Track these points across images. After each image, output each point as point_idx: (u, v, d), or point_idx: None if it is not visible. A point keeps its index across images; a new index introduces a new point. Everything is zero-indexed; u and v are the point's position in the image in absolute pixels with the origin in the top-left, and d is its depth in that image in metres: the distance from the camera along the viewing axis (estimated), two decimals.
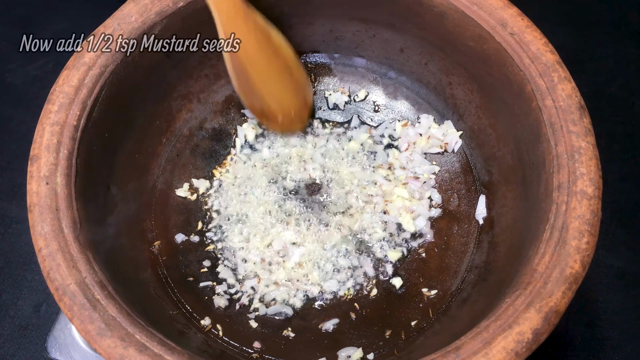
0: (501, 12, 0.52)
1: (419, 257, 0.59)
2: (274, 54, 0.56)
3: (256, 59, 0.55)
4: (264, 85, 0.57)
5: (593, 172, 0.44)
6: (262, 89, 0.57)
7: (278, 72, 0.58)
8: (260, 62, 0.56)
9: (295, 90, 0.60)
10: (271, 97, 0.58)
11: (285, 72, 0.58)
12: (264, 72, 0.57)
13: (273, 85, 0.58)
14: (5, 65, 0.78)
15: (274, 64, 0.57)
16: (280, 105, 0.59)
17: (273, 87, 0.58)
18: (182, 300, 0.55)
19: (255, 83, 0.57)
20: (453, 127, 0.63)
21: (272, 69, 0.57)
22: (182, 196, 0.62)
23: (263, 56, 0.55)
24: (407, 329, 0.55)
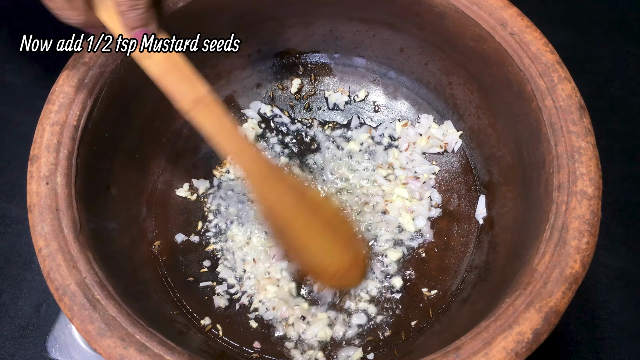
0: (501, 12, 0.52)
1: (419, 257, 0.59)
2: (311, 211, 0.53)
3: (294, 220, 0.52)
4: (306, 245, 0.54)
5: (593, 172, 0.44)
6: (306, 249, 0.54)
7: (318, 230, 0.54)
8: (300, 223, 0.53)
9: (341, 246, 0.56)
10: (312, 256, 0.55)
11: (327, 228, 0.55)
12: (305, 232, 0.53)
13: (315, 244, 0.54)
14: (5, 65, 0.78)
15: (312, 222, 0.54)
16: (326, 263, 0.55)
17: (313, 246, 0.54)
18: (182, 300, 0.55)
19: (298, 244, 0.54)
20: (453, 127, 0.63)
21: (310, 226, 0.53)
22: (182, 196, 0.62)
23: (301, 217, 0.53)
24: (407, 329, 0.55)
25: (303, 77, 0.68)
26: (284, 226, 0.52)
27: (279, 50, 0.66)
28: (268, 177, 0.50)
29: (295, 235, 0.53)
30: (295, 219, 0.52)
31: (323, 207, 0.55)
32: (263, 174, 0.49)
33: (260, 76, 0.67)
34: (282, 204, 0.51)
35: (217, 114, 0.46)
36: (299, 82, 0.68)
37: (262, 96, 0.67)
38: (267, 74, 0.67)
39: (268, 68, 0.67)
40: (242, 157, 0.48)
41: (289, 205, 0.52)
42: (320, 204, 0.55)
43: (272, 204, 0.51)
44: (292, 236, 0.53)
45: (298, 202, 0.52)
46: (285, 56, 0.67)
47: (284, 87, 0.68)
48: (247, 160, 0.48)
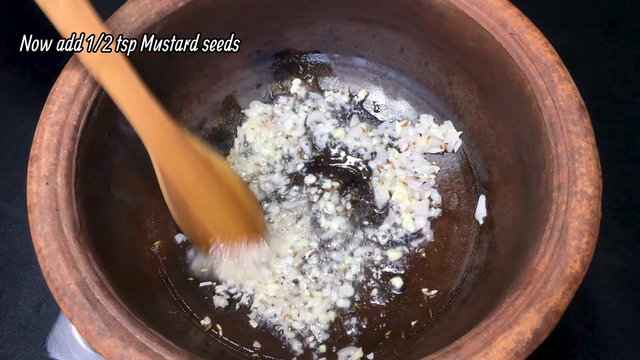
0: (501, 12, 0.52)
1: (419, 257, 0.59)
2: (215, 182, 0.53)
3: (195, 189, 0.51)
4: (205, 213, 0.53)
5: (593, 172, 0.44)
6: (203, 217, 0.53)
7: (220, 201, 0.54)
8: (200, 193, 0.52)
9: (240, 217, 0.56)
10: (212, 225, 0.54)
11: (228, 200, 0.54)
12: (205, 202, 0.53)
13: (214, 213, 0.54)
14: (5, 65, 0.78)
15: (215, 192, 0.53)
16: (224, 235, 0.55)
17: (214, 216, 0.54)
18: (182, 300, 0.55)
19: (195, 214, 0.53)
20: (453, 127, 0.63)
21: (212, 197, 0.53)
22: None
23: (202, 186, 0.52)
24: (407, 329, 0.55)
25: (303, 77, 0.68)
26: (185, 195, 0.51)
27: (279, 50, 0.66)
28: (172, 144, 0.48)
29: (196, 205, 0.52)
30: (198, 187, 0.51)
31: (226, 177, 0.54)
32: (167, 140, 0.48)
33: (260, 76, 0.67)
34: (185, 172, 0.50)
35: (123, 73, 0.45)
36: (299, 82, 0.68)
37: (262, 96, 0.67)
38: (267, 74, 0.67)
39: (268, 68, 0.67)
40: (145, 120, 0.47)
41: (191, 174, 0.51)
42: (224, 173, 0.54)
43: (174, 171, 0.50)
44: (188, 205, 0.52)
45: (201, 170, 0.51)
46: (285, 56, 0.67)
47: (284, 87, 0.68)
48: (150, 124, 0.47)
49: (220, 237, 0.55)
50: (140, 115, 0.47)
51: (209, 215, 0.54)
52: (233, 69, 0.65)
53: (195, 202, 0.52)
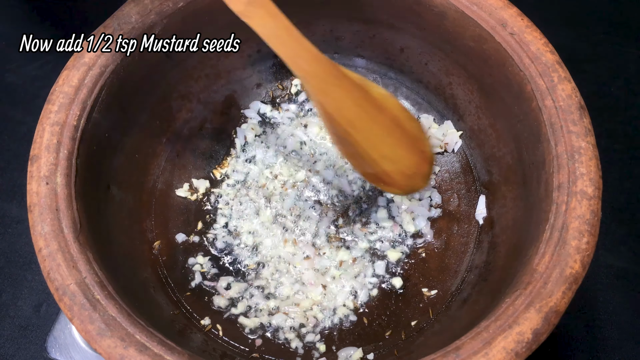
0: (501, 12, 0.52)
1: (419, 257, 0.59)
2: (377, 110, 0.50)
3: (358, 121, 0.49)
4: (373, 147, 0.51)
5: (593, 172, 0.44)
6: (372, 151, 0.51)
7: (385, 129, 0.51)
8: (364, 124, 0.49)
9: (409, 145, 0.52)
10: (383, 159, 0.52)
11: (393, 127, 0.51)
12: (370, 133, 0.50)
13: (383, 145, 0.51)
14: (5, 65, 0.78)
15: (380, 122, 0.50)
16: (395, 165, 0.52)
17: (383, 147, 0.51)
18: (182, 300, 0.55)
19: (363, 147, 0.50)
20: (453, 127, 0.63)
21: (378, 127, 0.50)
22: (182, 196, 0.62)
23: (365, 116, 0.49)
24: (407, 329, 0.55)
25: None
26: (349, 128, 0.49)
27: None
28: (329, 77, 0.47)
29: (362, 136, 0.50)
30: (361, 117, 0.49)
31: (388, 104, 0.51)
32: (324, 74, 0.46)
33: (260, 76, 0.67)
34: (346, 104, 0.48)
35: (272, 14, 0.44)
36: (299, 82, 0.68)
37: (262, 96, 0.67)
38: (267, 74, 0.67)
39: (268, 68, 0.67)
40: (301, 58, 0.45)
41: (352, 105, 0.48)
42: (384, 101, 0.51)
43: (335, 105, 0.48)
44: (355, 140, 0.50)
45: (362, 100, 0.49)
46: None
47: (284, 87, 0.68)
48: (306, 61, 0.46)
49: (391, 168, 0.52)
50: (296, 55, 0.45)
51: (377, 147, 0.51)
52: (233, 69, 0.65)
53: (360, 135, 0.50)
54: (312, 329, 0.55)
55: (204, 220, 0.61)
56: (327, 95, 0.47)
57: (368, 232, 0.60)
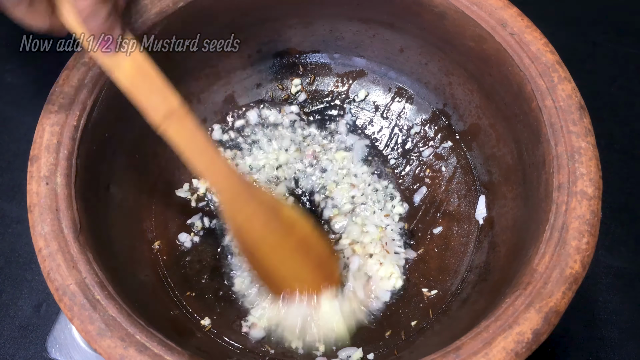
0: (501, 12, 0.52)
1: (419, 257, 0.59)
2: (285, 231, 0.52)
3: (265, 240, 0.51)
4: (280, 266, 0.53)
5: (593, 172, 0.44)
6: (278, 270, 0.53)
7: (290, 251, 0.53)
8: (269, 243, 0.51)
9: (316, 266, 0.54)
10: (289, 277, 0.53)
11: (300, 250, 0.53)
12: (275, 252, 0.52)
13: (285, 264, 0.53)
14: (5, 65, 0.78)
15: (285, 243, 0.52)
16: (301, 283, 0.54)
17: (289, 268, 0.53)
18: (182, 300, 0.55)
19: (266, 263, 0.53)
20: (453, 128, 0.63)
21: (283, 248, 0.52)
22: (182, 196, 0.62)
23: (270, 237, 0.51)
24: (407, 329, 0.55)
25: (303, 77, 0.68)
26: (254, 247, 0.51)
27: (279, 50, 0.66)
28: (240, 195, 0.48)
29: (264, 257, 0.52)
30: (265, 240, 0.51)
31: (297, 225, 0.53)
32: (234, 192, 0.48)
33: (260, 76, 0.67)
34: (253, 224, 0.50)
35: (188, 128, 0.45)
36: (299, 82, 0.68)
37: (262, 96, 0.67)
38: (267, 74, 0.67)
39: (268, 68, 0.67)
40: (214, 174, 0.47)
41: (259, 226, 0.50)
42: (294, 222, 0.53)
43: (242, 223, 0.50)
44: (262, 257, 0.52)
45: (269, 222, 0.51)
46: (285, 56, 0.67)
47: (284, 87, 0.68)
48: (218, 177, 0.47)
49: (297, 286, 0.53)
50: (208, 168, 0.47)
51: (279, 265, 0.53)
52: (233, 69, 0.65)
53: (266, 251, 0.52)
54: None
55: (204, 220, 0.61)
56: (236, 211, 0.49)
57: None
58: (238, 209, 0.49)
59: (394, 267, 0.57)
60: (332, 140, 0.65)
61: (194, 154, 0.46)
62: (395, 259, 0.58)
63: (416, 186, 0.63)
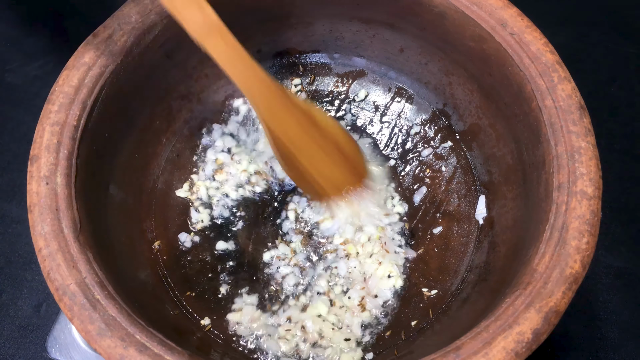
0: (501, 12, 0.52)
1: (419, 257, 0.59)
2: (319, 133, 0.55)
3: (300, 142, 0.54)
4: (312, 165, 0.56)
5: (593, 172, 0.44)
6: (312, 170, 0.56)
7: (325, 150, 0.56)
8: (305, 145, 0.54)
9: (346, 166, 0.58)
10: (322, 178, 0.57)
11: (332, 149, 0.56)
12: (310, 153, 0.55)
13: (321, 164, 0.56)
14: (5, 65, 0.78)
15: (320, 144, 0.55)
16: (330, 182, 0.57)
17: (321, 166, 0.56)
18: (182, 300, 0.55)
19: (304, 166, 0.55)
20: (453, 128, 0.63)
21: (318, 148, 0.55)
22: (182, 196, 0.62)
23: (307, 138, 0.54)
24: (407, 329, 0.55)
25: (303, 77, 0.68)
26: (293, 148, 0.54)
27: (279, 50, 0.66)
28: (279, 101, 0.51)
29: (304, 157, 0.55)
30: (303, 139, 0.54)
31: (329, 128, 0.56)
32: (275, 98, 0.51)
33: None
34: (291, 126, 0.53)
35: (228, 43, 0.47)
36: (299, 82, 0.68)
37: None
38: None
39: (268, 68, 0.67)
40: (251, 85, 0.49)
41: (297, 126, 0.53)
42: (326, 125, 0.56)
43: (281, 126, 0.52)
44: (297, 159, 0.54)
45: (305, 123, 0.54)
46: (285, 56, 0.67)
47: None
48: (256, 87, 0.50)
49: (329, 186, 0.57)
50: (246, 79, 0.49)
51: (316, 165, 0.56)
52: None
53: (302, 154, 0.54)
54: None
55: (204, 220, 0.61)
56: (273, 117, 0.52)
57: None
58: (276, 114, 0.52)
59: (392, 267, 0.57)
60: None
61: (232, 65, 0.48)
62: (394, 258, 0.58)
63: (416, 186, 0.63)
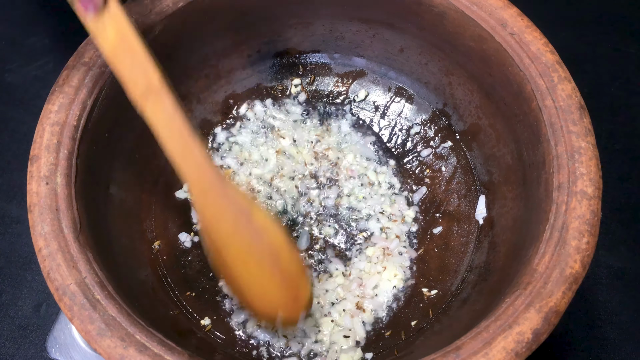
0: (501, 12, 0.52)
1: (419, 257, 0.59)
2: (254, 237, 0.47)
3: (231, 240, 0.47)
4: (242, 274, 0.48)
5: (593, 172, 0.44)
6: (240, 278, 0.48)
7: (257, 261, 0.47)
8: (236, 245, 0.47)
9: (282, 284, 0.48)
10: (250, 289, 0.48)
11: (268, 261, 0.47)
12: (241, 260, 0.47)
13: (252, 276, 0.48)
14: (5, 65, 0.78)
15: (254, 251, 0.47)
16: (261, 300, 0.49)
17: (252, 279, 0.48)
18: (182, 300, 0.55)
19: (231, 267, 0.48)
20: (453, 128, 0.63)
21: (250, 256, 0.47)
22: (182, 198, 0.62)
23: (239, 238, 0.47)
24: (407, 329, 0.55)
25: (303, 77, 0.68)
26: (221, 247, 0.47)
27: (279, 50, 0.66)
28: (212, 189, 0.45)
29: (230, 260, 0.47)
30: (233, 241, 0.47)
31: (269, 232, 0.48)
32: (207, 184, 0.45)
33: (260, 76, 0.67)
34: (222, 222, 0.46)
35: (166, 108, 0.43)
36: (299, 82, 0.68)
37: (262, 96, 0.67)
38: (267, 74, 0.67)
39: (268, 68, 0.67)
40: (187, 161, 0.44)
41: (228, 225, 0.46)
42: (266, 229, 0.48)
43: (211, 219, 0.46)
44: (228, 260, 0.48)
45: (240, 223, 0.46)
46: (285, 56, 0.67)
47: (284, 87, 0.68)
48: (191, 165, 0.44)
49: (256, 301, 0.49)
50: (182, 154, 0.44)
51: (245, 273, 0.48)
52: (233, 69, 0.65)
53: (231, 257, 0.47)
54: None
55: None
56: (207, 204, 0.46)
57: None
58: (208, 203, 0.46)
59: (397, 269, 0.57)
60: (330, 135, 0.65)
61: (168, 137, 0.43)
62: (399, 260, 0.58)
63: (416, 186, 0.63)
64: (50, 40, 0.80)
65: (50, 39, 0.80)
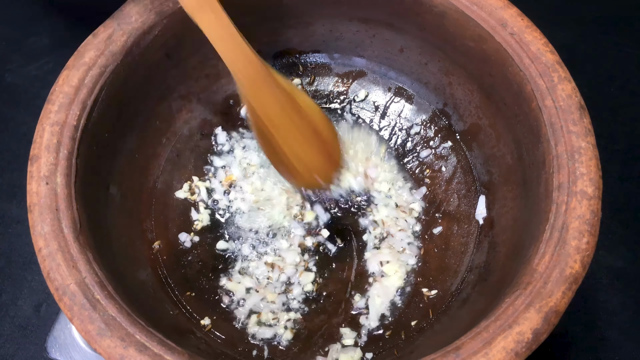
0: (501, 12, 0.52)
1: (419, 257, 0.59)
2: (299, 116, 0.56)
3: (279, 121, 0.54)
4: (288, 146, 0.56)
5: (593, 172, 0.44)
6: (287, 150, 0.56)
7: (303, 134, 0.56)
8: (283, 125, 0.55)
9: (322, 151, 0.58)
10: (297, 160, 0.57)
11: (311, 134, 0.57)
12: (288, 135, 0.56)
13: (297, 146, 0.57)
14: (5, 65, 0.78)
15: (299, 126, 0.56)
16: (306, 168, 0.58)
17: (297, 149, 0.57)
18: (182, 300, 0.55)
19: (280, 146, 0.56)
20: (453, 128, 0.63)
21: (296, 131, 0.56)
22: (182, 198, 0.62)
23: (286, 119, 0.55)
24: (407, 329, 0.55)
25: (303, 77, 0.68)
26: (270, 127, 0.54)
27: (279, 50, 0.66)
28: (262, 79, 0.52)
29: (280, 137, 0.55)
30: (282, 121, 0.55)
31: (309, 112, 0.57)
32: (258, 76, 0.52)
33: None
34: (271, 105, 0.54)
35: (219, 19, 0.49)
36: (299, 82, 0.68)
37: None
38: None
39: None
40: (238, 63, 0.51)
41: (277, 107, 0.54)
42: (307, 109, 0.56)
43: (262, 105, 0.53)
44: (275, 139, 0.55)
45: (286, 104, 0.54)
46: (285, 56, 0.67)
47: None
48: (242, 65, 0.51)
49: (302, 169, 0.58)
50: (232, 54, 0.51)
51: (291, 146, 0.56)
52: None
53: (279, 134, 0.55)
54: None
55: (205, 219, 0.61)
56: (255, 95, 0.53)
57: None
58: (257, 92, 0.53)
59: (399, 267, 0.57)
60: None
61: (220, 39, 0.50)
62: (404, 257, 0.58)
63: (416, 186, 0.63)
64: (50, 40, 0.80)
65: (50, 39, 0.80)
